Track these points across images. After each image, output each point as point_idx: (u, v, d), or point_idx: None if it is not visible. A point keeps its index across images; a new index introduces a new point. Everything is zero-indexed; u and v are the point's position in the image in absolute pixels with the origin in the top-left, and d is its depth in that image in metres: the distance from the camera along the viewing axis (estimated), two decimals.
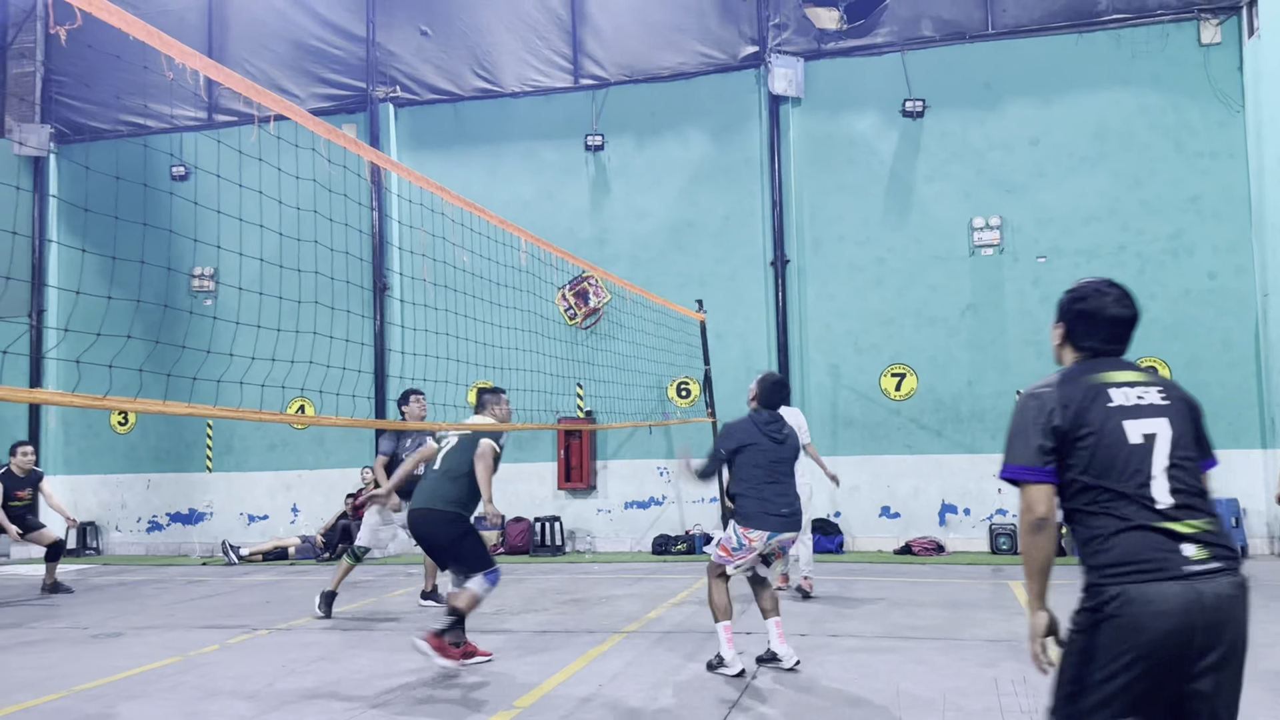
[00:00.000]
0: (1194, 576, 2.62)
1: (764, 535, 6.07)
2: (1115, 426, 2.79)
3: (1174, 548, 2.66)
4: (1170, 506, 2.71)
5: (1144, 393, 2.88)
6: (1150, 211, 12.21)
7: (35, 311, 15.26)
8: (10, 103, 16.02)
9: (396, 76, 14.71)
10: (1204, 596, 2.61)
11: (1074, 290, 3.07)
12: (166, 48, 3.27)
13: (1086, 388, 2.87)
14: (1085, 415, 2.81)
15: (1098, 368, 2.95)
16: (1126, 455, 2.76)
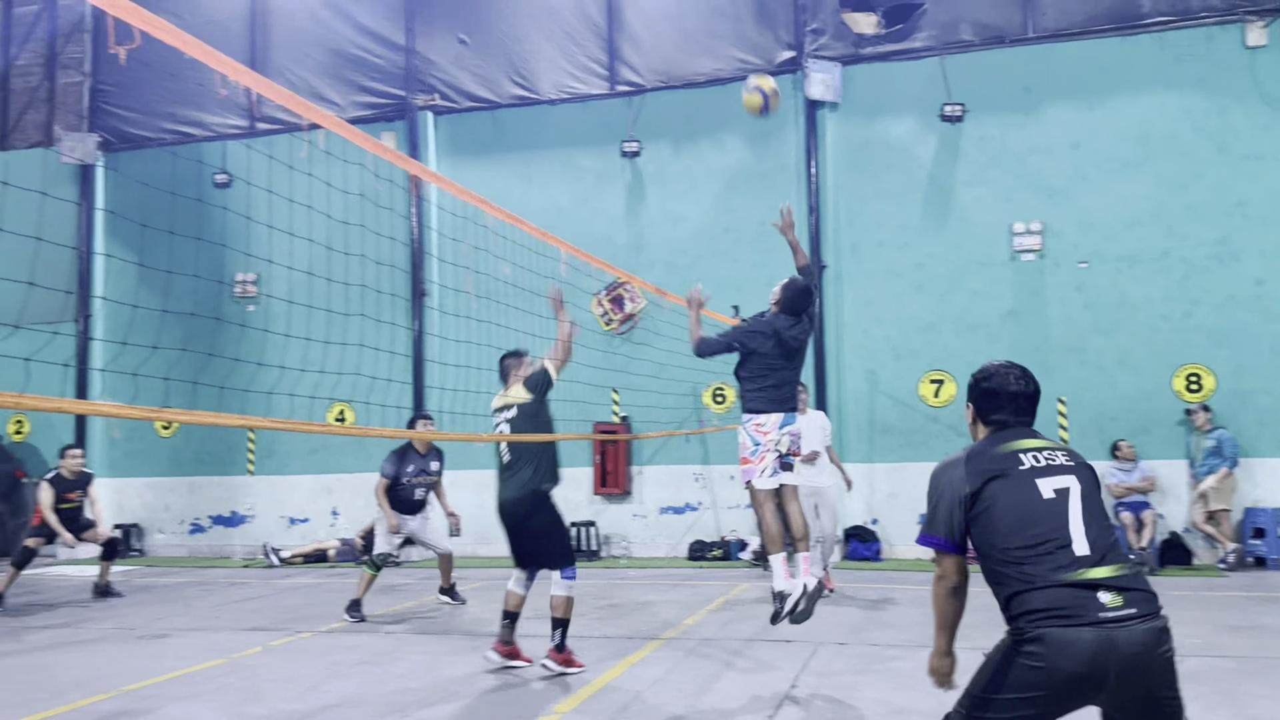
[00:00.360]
0: (1108, 623, 2.81)
1: (775, 421, 6.07)
2: (1029, 486, 3.06)
3: (1090, 596, 2.86)
4: (1085, 555, 2.92)
5: (1051, 456, 3.15)
6: (1195, 216, 12.03)
7: (82, 318, 15.55)
8: (58, 113, 16.35)
9: (435, 85, 14.84)
10: (1118, 643, 2.79)
11: (979, 372, 3.38)
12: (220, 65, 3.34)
13: (994, 456, 3.15)
14: (995, 481, 3.08)
15: (1006, 438, 3.24)
16: (1041, 509, 3.01)
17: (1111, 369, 12.15)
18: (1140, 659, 2.82)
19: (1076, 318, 12.30)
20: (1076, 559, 2.92)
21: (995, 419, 3.30)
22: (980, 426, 3.35)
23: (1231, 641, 7.20)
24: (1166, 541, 11.52)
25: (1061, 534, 2.96)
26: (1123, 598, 2.87)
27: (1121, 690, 2.85)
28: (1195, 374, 11.90)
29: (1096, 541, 2.96)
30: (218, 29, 15.28)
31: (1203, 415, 11.46)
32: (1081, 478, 3.11)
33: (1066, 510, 3.01)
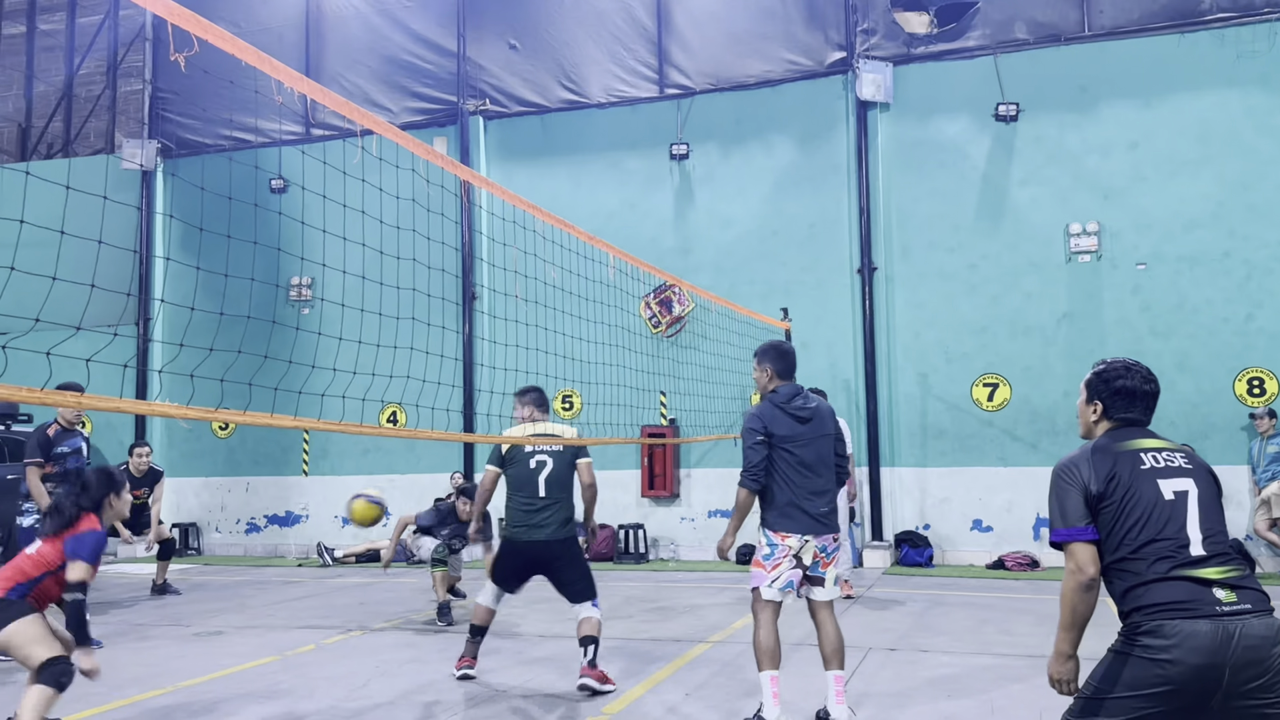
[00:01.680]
0: (1224, 616, 2.87)
1: (798, 538, 5.21)
2: (1150, 485, 3.09)
3: (1206, 591, 2.91)
4: (1202, 556, 2.98)
5: (1171, 457, 3.17)
6: (1258, 216, 11.74)
7: (142, 321, 15.91)
8: (120, 119, 16.76)
9: (486, 90, 14.97)
10: (1233, 635, 2.83)
11: (1108, 370, 3.37)
12: (275, 72, 3.40)
13: (1119, 454, 3.17)
14: (1120, 479, 3.11)
15: (1128, 436, 3.26)
16: (1162, 509, 3.04)
17: (1170, 373, 11.89)
18: (1257, 652, 2.84)
19: (1134, 320, 12.06)
20: (1194, 559, 2.98)
21: (1123, 417, 3.32)
22: (1102, 423, 3.36)
23: None
24: None
25: (1180, 534, 3.01)
26: (1237, 594, 2.92)
27: (1234, 688, 2.84)
28: (1258, 378, 11.60)
29: (1213, 544, 3.02)
30: (272, 36, 15.58)
31: (1267, 420, 11.16)
32: (1200, 481, 3.13)
33: (1185, 512, 3.05)
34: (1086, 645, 3.23)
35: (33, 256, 4.46)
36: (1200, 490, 3.11)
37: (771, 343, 5.76)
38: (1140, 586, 3.00)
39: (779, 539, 5.24)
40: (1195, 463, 3.20)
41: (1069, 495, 3.16)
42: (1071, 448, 11.45)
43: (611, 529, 13.57)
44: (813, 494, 5.30)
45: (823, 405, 5.57)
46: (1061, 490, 3.18)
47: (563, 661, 7.08)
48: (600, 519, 13.80)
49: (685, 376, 12.80)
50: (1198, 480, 3.13)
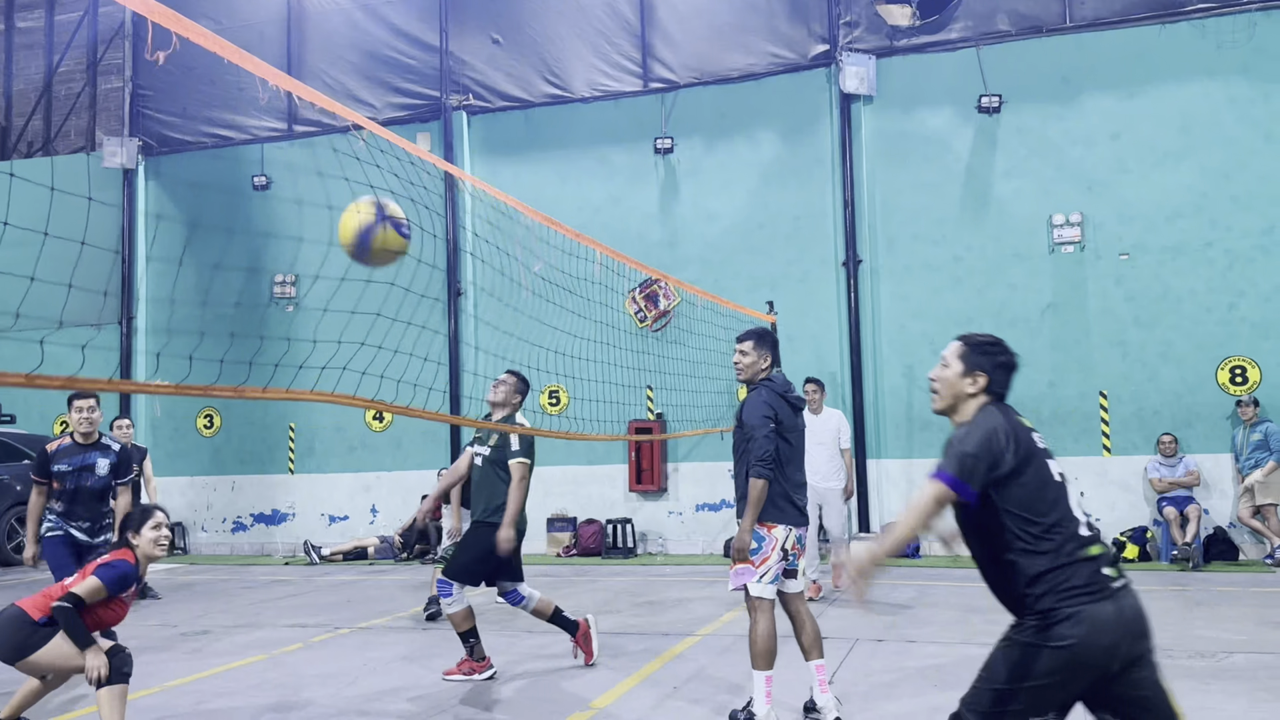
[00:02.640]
0: (1118, 593, 2.97)
1: (785, 529, 5.14)
2: (1043, 465, 3.10)
3: (1099, 571, 2.99)
4: (1087, 535, 3.05)
5: (1039, 438, 3.20)
6: (1239, 206, 11.81)
7: (124, 319, 15.81)
8: (100, 117, 16.64)
9: (469, 85, 14.92)
10: (1124, 611, 2.96)
11: (995, 345, 3.33)
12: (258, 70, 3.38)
13: (1021, 426, 3.15)
14: (1033, 457, 3.09)
15: (1015, 412, 3.23)
16: (1055, 491, 3.08)
17: (1154, 362, 11.97)
18: (1141, 622, 2.99)
19: (1118, 311, 12.13)
20: (1084, 539, 3.04)
21: (1000, 392, 3.30)
22: (980, 397, 3.25)
23: (1277, 638, 7.06)
24: (1211, 537, 11.33)
25: (1072, 515, 3.07)
26: (1116, 569, 3.03)
27: (1127, 660, 2.96)
28: (1240, 366, 11.68)
29: (1087, 522, 3.12)
30: (253, 33, 15.48)
31: (1250, 408, 11.25)
32: None
33: (1068, 492, 3.14)
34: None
35: (13, 256, 4.43)
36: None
37: (765, 329, 5.69)
38: (1056, 570, 2.97)
39: (766, 531, 5.12)
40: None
41: (982, 457, 2.99)
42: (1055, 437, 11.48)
43: (599, 524, 13.58)
44: (798, 486, 5.31)
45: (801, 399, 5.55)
46: (981, 447, 2.99)
47: (551, 656, 7.08)
48: (588, 514, 13.83)
49: (672, 371, 12.80)
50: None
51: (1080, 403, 12.18)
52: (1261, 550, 11.20)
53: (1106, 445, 12.06)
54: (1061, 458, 10.78)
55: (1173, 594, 9.13)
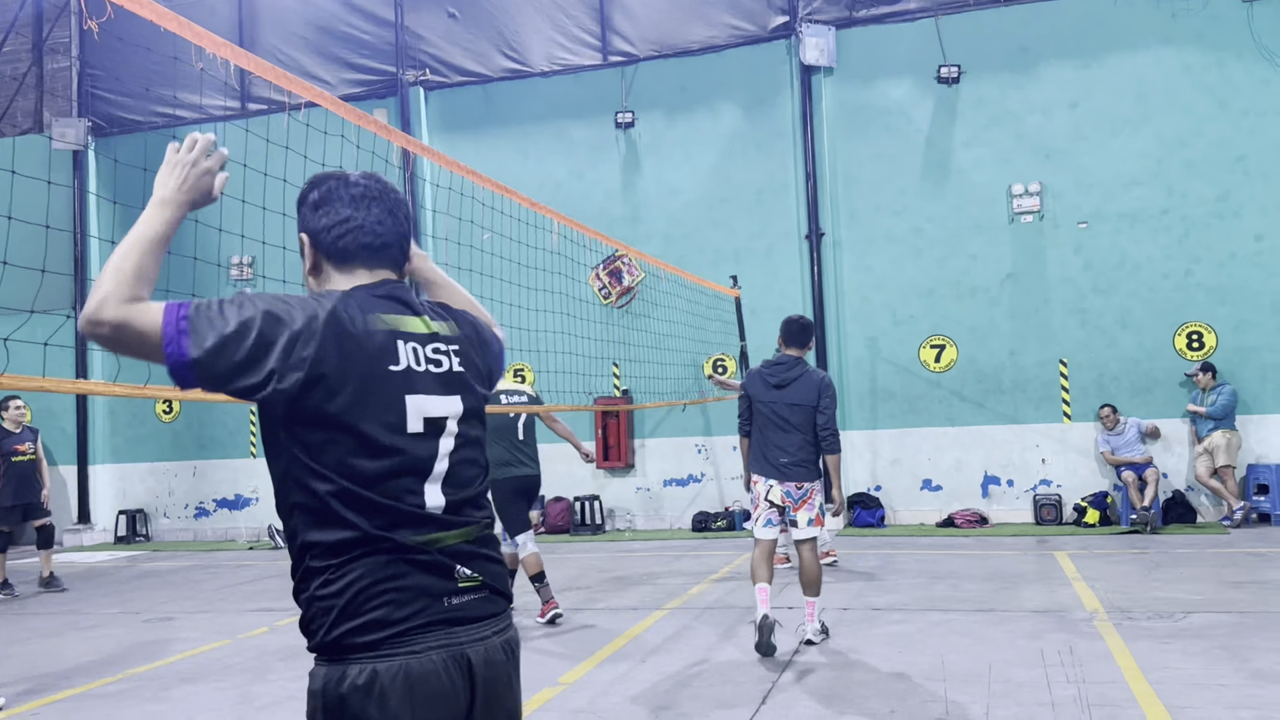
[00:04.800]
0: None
1: (765, 481, 6.26)
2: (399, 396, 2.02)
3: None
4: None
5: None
6: (1195, 173, 11.94)
7: (78, 303, 15.51)
8: (48, 98, 16.24)
9: (425, 60, 14.71)
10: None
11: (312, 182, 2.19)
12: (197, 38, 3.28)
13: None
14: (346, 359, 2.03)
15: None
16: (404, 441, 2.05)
17: (1112, 329, 12.11)
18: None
19: (1076, 279, 12.24)
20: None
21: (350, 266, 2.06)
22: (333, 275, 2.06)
23: (1235, 597, 7.20)
24: (1170, 500, 11.52)
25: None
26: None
27: None
28: (1197, 332, 11.85)
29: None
30: (204, 10, 15.13)
31: (1204, 376, 11.43)
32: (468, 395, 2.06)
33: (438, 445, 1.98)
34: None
35: None
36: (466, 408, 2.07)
37: (788, 316, 6.67)
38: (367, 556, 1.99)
39: (753, 483, 6.36)
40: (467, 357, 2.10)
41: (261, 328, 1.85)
42: (1016, 404, 11.56)
43: (567, 501, 13.56)
44: (776, 446, 6.26)
45: (807, 378, 6.31)
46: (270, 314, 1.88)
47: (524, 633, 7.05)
48: (555, 491, 13.80)
49: (638, 344, 12.78)
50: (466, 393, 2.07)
51: (1040, 370, 12.30)
52: (1219, 513, 11.40)
53: (1067, 412, 12.20)
54: (1022, 425, 10.97)
55: (1132, 556, 9.28)
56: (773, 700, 5.17)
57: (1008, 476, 12.37)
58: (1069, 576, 8.33)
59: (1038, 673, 5.41)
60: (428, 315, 2.06)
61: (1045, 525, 11.74)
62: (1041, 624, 6.57)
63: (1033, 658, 5.72)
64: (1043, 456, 12.22)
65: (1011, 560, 9.42)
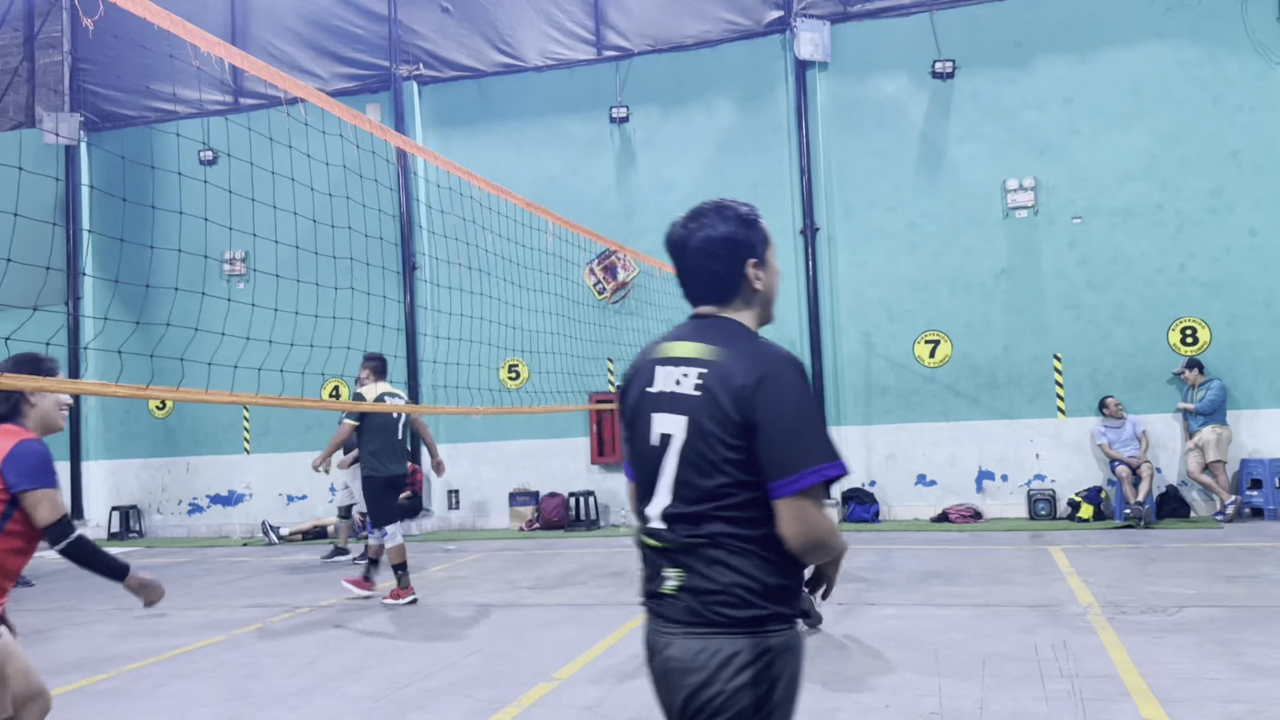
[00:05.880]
0: (651, 600, 2.28)
1: None
2: (645, 420, 2.26)
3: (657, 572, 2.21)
4: (658, 529, 2.22)
5: (684, 375, 2.20)
6: (1189, 168, 11.95)
7: (72, 300, 15.46)
8: (40, 92, 16.16)
9: (419, 54, 14.67)
10: (648, 629, 2.30)
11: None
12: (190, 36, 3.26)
13: (639, 367, 2.35)
14: (628, 403, 2.36)
15: (665, 336, 2.36)
16: (650, 456, 2.27)
17: (1106, 324, 12.12)
18: (656, 660, 2.28)
19: (1071, 274, 12.25)
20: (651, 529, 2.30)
21: (683, 294, 2.39)
22: None
23: (1228, 591, 7.22)
24: (1163, 495, 11.54)
25: (654, 491, 2.25)
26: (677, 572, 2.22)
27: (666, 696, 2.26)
28: (1190, 327, 11.87)
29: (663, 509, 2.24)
30: (196, 4, 15.07)
31: (1192, 372, 11.46)
32: (695, 419, 2.16)
33: (663, 463, 2.24)
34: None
35: None
36: (686, 436, 2.16)
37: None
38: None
39: None
40: (707, 387, 2.14)
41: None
42: (1011, 399, 11.61)
43: (562, 497, 13.55)
44: None
45: None
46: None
47: (519, 630, 7.07)
48: (550, 487, 13.81)
49: (632, 343, 12.76)
50: (692, 420, 2.15)
51: (1034, 365, 12.31)
52: (1211, 508, 11.43)
53: (1061, 407, 12.22)
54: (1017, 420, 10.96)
55: (1126, 551, 9.30)
56: None
57: (1002, 471, 12.38)
58: (1063, 571, 8.35)
59: (1032, 667, 5.42)
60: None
61: (1039, 520, 11.76)
62: (1035, 618, 6.58)
63: (1027, 652, 5.73)
64: (1037, 451, 12.24)
65: (1006, 555, 9.44)
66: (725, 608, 2.08)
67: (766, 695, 2.06)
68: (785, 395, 2.07)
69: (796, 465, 2.03)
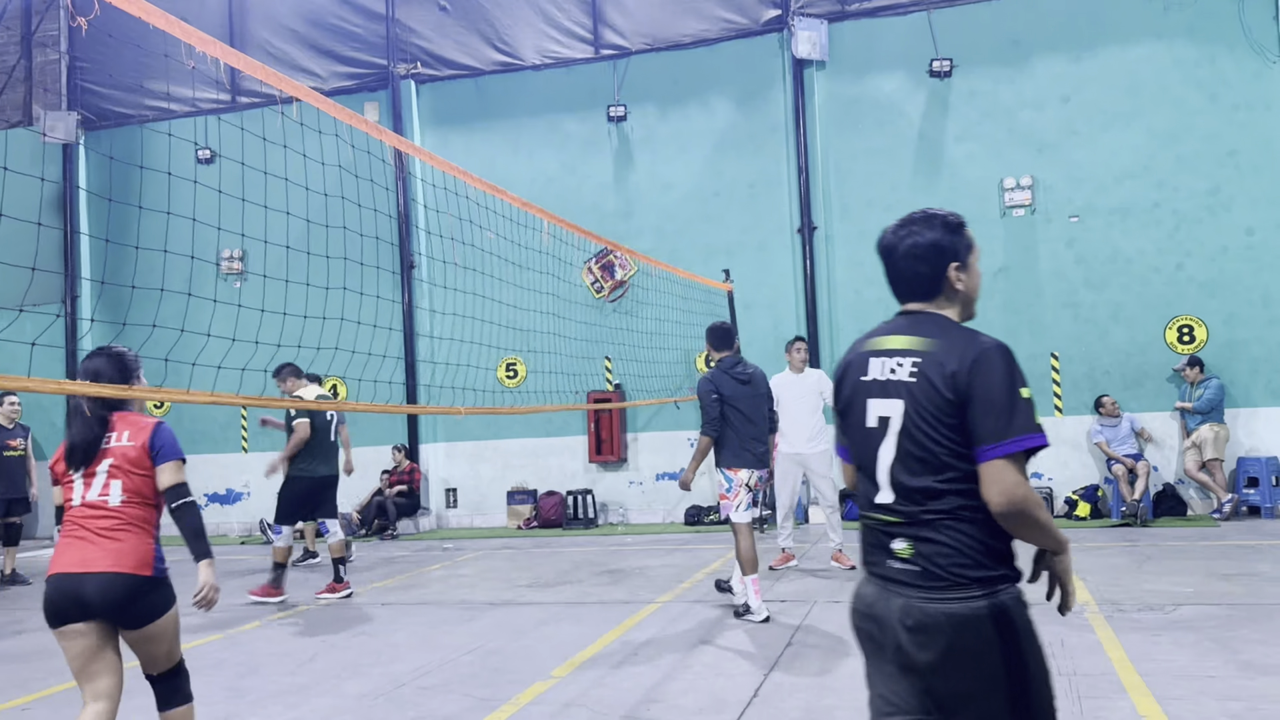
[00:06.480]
0: (882, 578, 2.45)
1: (747, 471, 6.82)
2: (861, 405, 2.53)
3: (882, 546, 2.43)
4: (886, 503, 2.43)
5: (899, 365, 2.47)
6: (1186, 167, 11.96)
7: (68, 299, 15.45)
8: (36, 91, 16.15)
9: (416, 53, 14.66)
10: (878, 602, 2.46)
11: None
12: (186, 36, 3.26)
13: (852, 359, 2.65)
14: (843, 391, 2.64)
15: (878, 331, 2.66)
16: (866, 437, 2.51)
17: (1104, 323, 12.14)
18: (888, 626, 2.49)
19: (1068, 273, 12.26)
20: (877, 504, 2.55)
21: (893, 293, 2.71)
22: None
23: (1225, 589, 7.23)
24: (1160, 493, 11.56)
25: (873, 470, 2.51)
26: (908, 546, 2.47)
27: (903, 658, 2.48)
28: (1187, 325, 11.88)
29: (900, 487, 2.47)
30: (193, 3, 15.07)
31: (1192, 370, 11.47)
32: (913, 402, 2.41)
33: (880, 442, 2.48)
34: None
35: None
36: (905, 418, 2.40)
37: (714, 323, 7.30)
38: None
39: (733, 474, 6.80)
40: (922, 373, 2.41)
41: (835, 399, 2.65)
42: None
43: (560, 495, 13.56)
44: (752, 438, 6.85)
45: (756, 371, 7.06)
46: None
47: (517, 628, 7.07)
48: (549, 485, 13.82)
49: (629, 342, 12.78)
50: (911, 401, 2.40)
51: (1032, 364, 12.32)
52: (1208, 505, 11.45)
53: (1058, 405, 12.23)
54: None
55: (1123, 549, 9.31)
56: (765, 693, 5.18)
57: None
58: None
59: None
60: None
61: None
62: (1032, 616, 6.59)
63: None
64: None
65: None
66: (961, 569, 2.31)
67: (1007, 647, 2.31)
68: (994, 373, 2.34)
69: (1000, 434, 2.27)
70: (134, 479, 3.64)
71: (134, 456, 3.65)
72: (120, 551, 3.55)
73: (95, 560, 3.51)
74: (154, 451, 3.67)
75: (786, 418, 8.87)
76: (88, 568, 3.50)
